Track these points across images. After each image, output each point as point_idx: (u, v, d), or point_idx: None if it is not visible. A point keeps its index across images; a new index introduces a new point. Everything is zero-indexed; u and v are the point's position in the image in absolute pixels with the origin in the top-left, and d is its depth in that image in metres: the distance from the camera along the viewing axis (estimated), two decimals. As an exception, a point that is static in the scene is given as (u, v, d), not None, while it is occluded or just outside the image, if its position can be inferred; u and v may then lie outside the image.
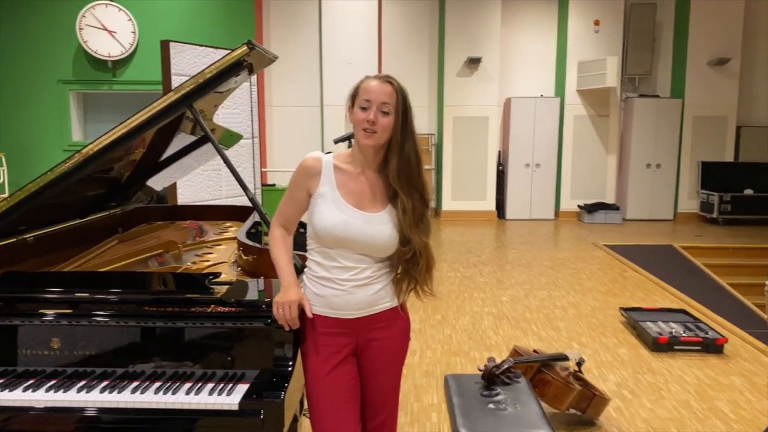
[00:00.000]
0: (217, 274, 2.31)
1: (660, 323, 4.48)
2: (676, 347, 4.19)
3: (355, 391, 1.93)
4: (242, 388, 1.84)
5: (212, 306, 1.98)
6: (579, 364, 3.16)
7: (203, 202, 6.29)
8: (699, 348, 4.18)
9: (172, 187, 6.15)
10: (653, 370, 3.90)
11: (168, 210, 4.30)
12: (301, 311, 1.87)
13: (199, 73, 2.27)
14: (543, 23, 10.12)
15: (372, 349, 1.93)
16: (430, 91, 10.23)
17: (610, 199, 10.19)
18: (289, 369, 1.87)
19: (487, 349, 4.24)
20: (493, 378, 2.49)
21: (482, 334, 4.57)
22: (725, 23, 9.74)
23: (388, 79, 1.85)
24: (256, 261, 2.74)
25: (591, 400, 3.01)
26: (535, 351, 3.22)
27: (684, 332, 4.28)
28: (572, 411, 3.06)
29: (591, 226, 9.61)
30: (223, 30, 8.65)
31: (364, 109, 1.81)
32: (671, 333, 4.26)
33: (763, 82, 10.19)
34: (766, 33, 10.06)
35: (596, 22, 9.83)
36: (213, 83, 2.30)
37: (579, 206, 10.11)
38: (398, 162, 1.85)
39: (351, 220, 1.84)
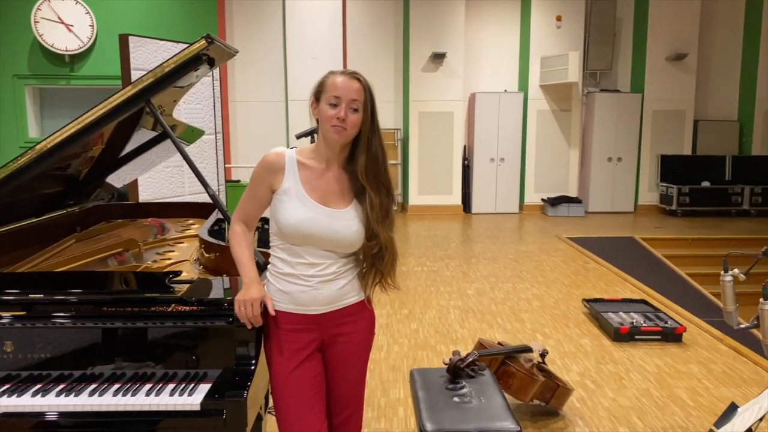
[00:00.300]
0: (177, 273, 2.27)
1: (621, 314, 4.58)
2: (636, 337, 4.29)
3: (321, 388, 1.93)
4: (204, 388, 1.81)
5: (173, 305, 1.94)
6: (542, 355, 3.21)
7: (165, 199, 6.19)
8: (659, 337, 4.28)
9: (134, 185, 6.03)
10: (615, 360, 3.99)
11: (128, 207, 4.22)
12: (264, 309, 1.85)
13: (157, 67, 2.22)
14: (506, 19, 10.22)
15: (338, 344, 1.93)
16: (395, 86, 10.24)
17: (572, 193, 10.35)
18: (252, 368, 1.85)
19: (454, 343, 4.28)
20: (457, 371, 2.51)
21: (448, 328, 4.60)
22: (682, 19, 9.98)
23: (355, 76, 1.84)
24: (219, 259, 2.70)
25: (554, 390, 3.06)
26: (499, 343, 3.26)
27: (644, 322, 4.38)
28: (536, 402, 3.11)
29: (554, 219, 9.76)
30: (184, 25, 8.49)
31: (333, 105, 1.80)
32: (632, 323, 4.36)
33: (718, 77, 10.47)
34: (722, 29, 10.34)
35: (558, 18, 9.95)
36: (171, 78, 2.25)
37: (543, 200, 10.25)
38: (366, 159, 1.85)
39: (317, 216, 1.83)
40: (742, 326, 2.31)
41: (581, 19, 10.00)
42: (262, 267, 2.25)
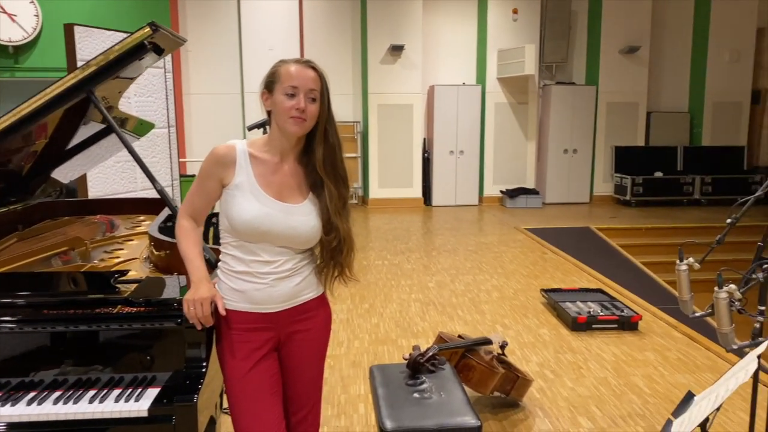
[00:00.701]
0: (124, 272, 2.17)
1: (579, 303, 4.63)
2: (594, 326, 4.34)
3: (278, 388, 1.87)
4: (152, 393, 1.73)
5: (119, 306, 1.85)
6: (502, 347, 3.21)
7: (117, 195, 5.99)
8: (615, 326, 4.35)
9: (83, 180, 5.82)
10: (573, 349, 4.03)
11: (76, 204, 4.06)
12: (215, 308, 1.78)
13: (99, 55, 2.10)
14: (463, 10, 10.22)
15: (294, 342, 1.87)
16: (354, 78, 10.15)
17: (530, 185, 10.47)
18: (203, 370, 1.78)
19: (415, 337, 4.25)
20: (418, 366, 2.48)
21: (409, 322, 4.58)
22: (635, 13, 10.16)
23: (310, 64, 1.78)
24: (169, 257, 2.60)
25: (514, 382, 3.06)
26: (459, 336, 3.24)
27: (601, 311, 4.44)
28: (496, 394, 3.11)
29: (513, 210, 9.85)
30: (134, 15, 8.21)
31: (290, 96, 1.74)
32: (589, 312, 4.41)
33: (670, 69, 10.71)
34: (672, 22, 10.58)
35: (515, 11, 10.02)
36: (114, 68, 2.14)
37: (501, 192, 10.33)
38: (325, 150, 1.81)
39: (272, 212, 1.77)
40: (697, 314, 2.34)
41: (537, 13, 10.08)
42: (213, 264, 2.17)
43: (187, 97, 9.60)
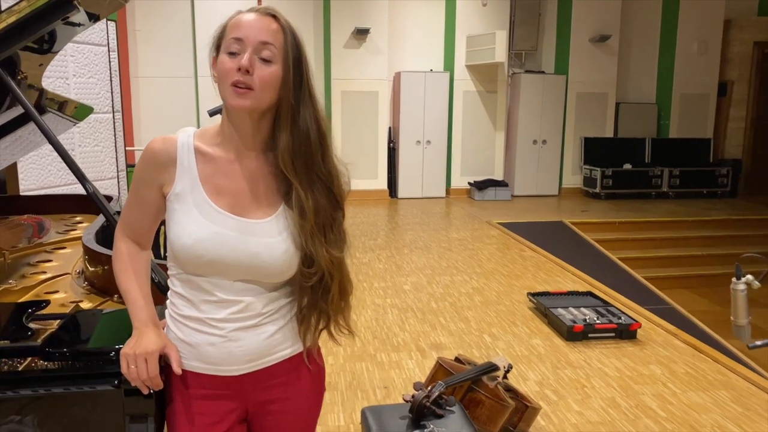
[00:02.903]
0: (43, 303, 1.64)
1: (571, 309, 4.25)
2: (590, 335, 3.97)
3: None
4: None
5: (28, 360, 1.32)
6: (507, 371, 2.78)
7: (52, 188, 5.32)
8: (613, 335, 3.99)
9: (12, 170, 5.11)
10: (572, 364, 3.64)
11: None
12: (166, 365, 1.27)
13: (5, 10, 1.54)
14: (431, -6, 9.75)
15: (270, 415, 1.35)
16: (316, 63, 9.55)
17: (498, 176, 10.12)
18: (152, 456, 1.27)
19: (395, 350, 3.80)
20: (422, 411, 2.02)
21: (387, 332, 4.12)
22: (605, 0, 9.88)
23: (269, 12, 1.24)
24: (108, 273, 2.07)
25: (523, 413, 2.64)
26: (458, 359, 2.80)
27: (597, 318, 4.07)
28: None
29: (482, 203, 9.48)
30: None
31: (233, 54, 1.20)
32: (585, 320, 4.04)
33: (638, 59, 10.50)
34: (642, 12, 10.34)
35: (484, -5, 9.60)
36: (26, 30, 1.58)
37: (469, 183, 9.95)
38: (290, 137, 1.24)
39: (224, 231, 1.24)
40: (758, 344, 1.94)
41: (507, -2, 9.69)
42: (163, 288, 1.67)
43: (134, 79, 8.85)
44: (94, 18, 2.00)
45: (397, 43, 9.65)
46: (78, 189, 5.37)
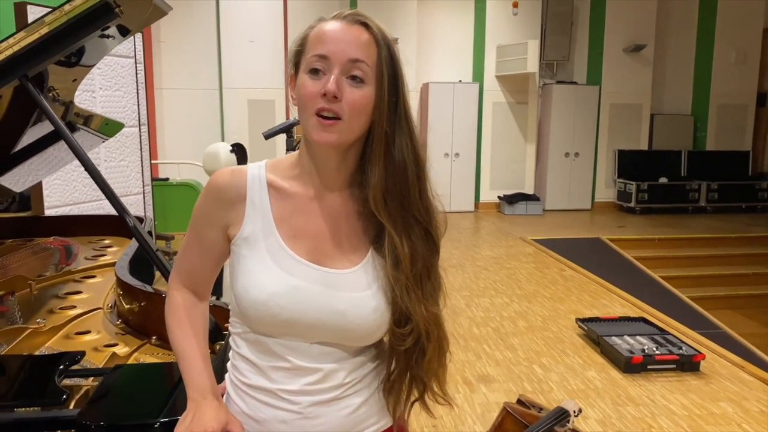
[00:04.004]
0: (77, 356, 1.42)
1: (626, 337, 3.97)
2: (649, 367, 3.68)
3: None
4: None
5: (61, 438, 1.10)
6: (576, 416, 2.51)
7: (79, 204, 5.15)
8: (674, 366, 3.69)
9: (37, 187, 4.96)
10: (634, 400, 3.35)
11: (22, 223, 3.26)
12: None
13: (34, 22, 1.34)
14: (461, 4, 9.53)
15: None
16: (341, 74, 9.38)
17: (529, 190, 9.83)
18: None
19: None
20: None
21: (429, 361, 3.86)
22: (640, 8, 9.59)
23: (358, 19, 1.01)
24: (145, 312, 1.87)
25: (596, 464, 2.37)
26: (520, 401, 2.53)
27: (656, 349, 3.77)
28: (571, 477, 2.41)
29: (512, 218, 9.20)
30: (100, -2, 7.35)
31: (316, 74, 0.98)
32: (643, 350, 3.75)
33: (674, 69, 10.18)
34: (678, 20, 10.04)
35: (515, 4, 9.36)
36: (60, 42, 1.37)
37: (499, 197, 9.68)
38: (383, 171, 1.03)
39: (304, 285, 1.02)
40: None
41: (538, 7, 9.44)
42: (215, 334, 1.45)
43: (158, 92, 8.73)
44: (126, 32, 1.80)
45: (425, 53, 9.45)
46: (105, 205, 5.14)
